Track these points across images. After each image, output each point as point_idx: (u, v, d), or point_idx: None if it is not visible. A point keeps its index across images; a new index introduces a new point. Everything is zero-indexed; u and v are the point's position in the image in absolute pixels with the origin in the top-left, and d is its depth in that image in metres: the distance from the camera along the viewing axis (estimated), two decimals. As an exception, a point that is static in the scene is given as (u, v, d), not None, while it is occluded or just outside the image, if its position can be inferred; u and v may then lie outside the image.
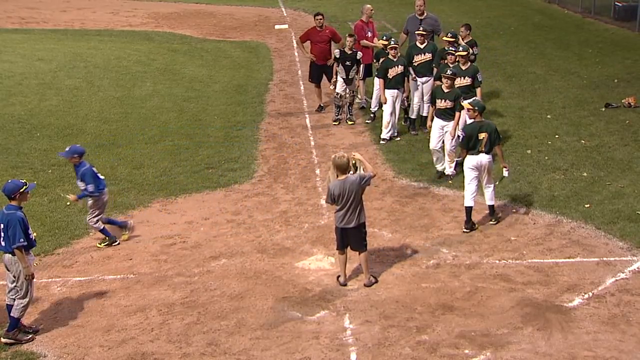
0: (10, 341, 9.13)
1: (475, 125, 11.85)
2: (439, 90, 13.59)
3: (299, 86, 20.54)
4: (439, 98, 13.51)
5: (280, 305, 9.88)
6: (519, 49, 24.15)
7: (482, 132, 11.72)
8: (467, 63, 14.38)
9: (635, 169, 14.06)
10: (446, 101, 13.41)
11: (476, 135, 11.74)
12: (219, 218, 12.55)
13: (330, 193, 10.02)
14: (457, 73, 14.01)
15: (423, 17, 17.16)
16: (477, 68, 14.54)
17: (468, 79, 14.21)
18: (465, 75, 14.21)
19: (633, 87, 19.10)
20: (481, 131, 11.74)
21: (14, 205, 9.14)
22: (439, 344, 8.95)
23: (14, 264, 9.11)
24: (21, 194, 9.15)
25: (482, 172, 11.86)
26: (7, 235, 9.01)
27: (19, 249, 9.01)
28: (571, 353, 8.73)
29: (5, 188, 9.18)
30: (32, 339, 9.22)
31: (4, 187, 9.25)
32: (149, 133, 16.67)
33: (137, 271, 10.89)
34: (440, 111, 13.56)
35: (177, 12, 32.80)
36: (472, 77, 14.20)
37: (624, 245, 11.27)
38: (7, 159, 15.03)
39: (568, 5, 31.61)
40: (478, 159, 11.77)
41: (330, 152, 14.59)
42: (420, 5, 17.08)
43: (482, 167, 11.80)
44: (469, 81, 14.20)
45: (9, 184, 9.23)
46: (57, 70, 21.62)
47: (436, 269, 10.73)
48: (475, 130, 11.77)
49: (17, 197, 9.13)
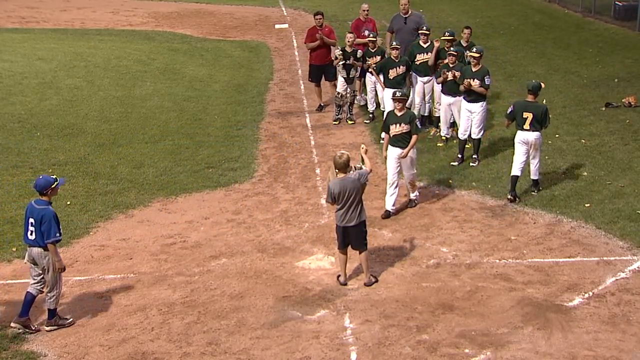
0: (54, 328, 9.43)
1: (523, 103, 12.79)
2: (392, 115, 12.28)
3: (299, 85, 20.53)
4: (392, 123, 12.16)
5: (281, 304, 9.88)
6: (519, 49, 24.13)
7: (528, 112, 12.59)
8: (479, 64, 14.03)
9: (635, 169, 14.06)
10: (401, 125, 12.09)
11: (521, 113, 12.66)
12: (219, 217, 12.55)
13: (331, 192, 10.03)
14: (466, 75, 14.01)
15: (407, 15, 17.32)
16: (487, 70, 14.14)
17: (477, 81, 13.97)
18: (475, 77, 13.98)
19: (633, 86, 19.10)
20: (527, 110, 12.62)
21: (44, 201, 9.31)
22: (439, 343, 8.95)
23: (44, 258, 9.27)
24: (52, 190, 9.35)
25: (529, 147, 12.71)
26: (39, 230, 9.16)
27: (53, 243, 9.19)
28: (571, 352, 8.73)
29: (37, 184, 9.35)
30: (72, 322, 9.52)
31: (35, 183, 9.41)
32: (149, 132, 16.67)
33: (137, 270, 10.89)
34: (395, 138, 12.21)
35: (178, 12, 32.78)
36: (480, 79, 13.95)
37: (624, 244, 11.27)
38: (7, 158, 15.03)
39: (568, 4, 31.58)
40: (525, 135, 12.69)
41: (331, 151, 14.60)
42: (405, 4, 17.27)
43: (529, 143, 12.70)
44: (478, 83, 13.97)
45: (41, 180, 9.39)
46: (58, 69, 21.61)
47: (436, 269, 10.73)
48: (521, 108, 12.71)
49: (48, 193, 9.31)
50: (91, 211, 12.71)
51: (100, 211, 12.71)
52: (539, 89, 12.83)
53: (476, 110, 14.10)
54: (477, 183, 13.60)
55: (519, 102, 12.95)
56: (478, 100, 14.06)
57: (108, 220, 12.48)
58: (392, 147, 12.26)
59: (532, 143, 12.69)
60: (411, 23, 17.22)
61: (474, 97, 14.04)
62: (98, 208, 12.81)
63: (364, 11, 17.96)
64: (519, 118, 12.71)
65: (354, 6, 29.71)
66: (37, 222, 9.16)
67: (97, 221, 12.40)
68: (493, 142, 15.53)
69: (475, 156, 14.38)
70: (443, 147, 15.43)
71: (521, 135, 12.74)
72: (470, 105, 14.12)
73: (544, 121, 12.68)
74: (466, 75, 14.10)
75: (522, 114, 12.67)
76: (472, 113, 14.15)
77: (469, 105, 14.15)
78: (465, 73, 14.15)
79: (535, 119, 12.58)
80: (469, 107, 14.17)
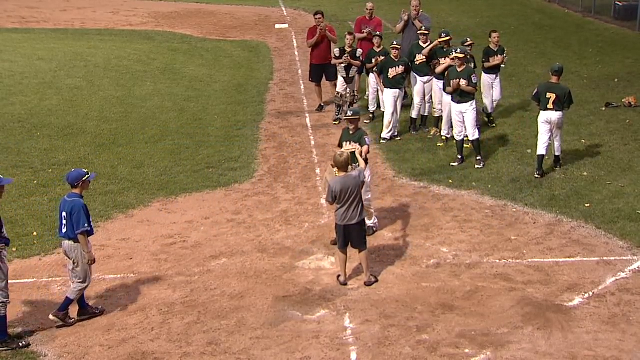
0: (58, 321, 9.46)
1: (547, 85, 13.63)
2: (346, 133, 11.64)
3: (299, 85, 20.54)
4: (345, 141, 11.46)
5: (281, 304, 9.88)
6: (519, 49, 24.12)
7: (551, 92, 13.46)
8: (463, 65, 14.08)
9: (635, 169, 14.06)
10: (351, 143, 11.37)
11: (545, 94, 13.50)
12: (219, 217, 12.55)
13: (332, 190, 10.03)
14: (452, 76, 14.03)
15: (417, 16, 17.28)
16: (472, 70, 14.26)
17: (463, 81, 13.99)
18: (460, 77, 14.00)
19: (633, 86, 19.10)
20: (550, 91, 13.50)
21: (75, 193, 9.45)
22: (439, 343, 8.95)
23: (74, 250, 9.38)
24: (83, 182, 9.49)
25: (552, 126, 13.55)
26: (70, 222, 9.28)
27: (83, 234, 9.30)
28: (571, 352, 8.73)
29: (69, 177, 9.51)
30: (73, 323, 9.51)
31: (67, 175, 9.57)
32: (150, 132, 16.67)
33: (137, 270, 10.89)
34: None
35: (178, 12, 32.80)
36: (467, 79, 13.98)
37: (624, 244, 11.27)
38: (8, 158, 15.04)
39: (568, 4, 31.60)
40: (548, 114, 13.52)
41: (331, 151, 14.59)
42: (416, 6, 17.33)
43: (552, 122, 13.52)
44: (465, 82, 13.98)
45: (73, 172, 9.56)
46: (58, 69, 21.62)
47: (436, 269, 10.73)
48: (545, 89, 13.57)
49: (79, 186, 9.46)
50: (91, 211, 12.58)
51: (101, 211, 12.71)
52: (562, 71, 13.72)
53: (467, 110, 14.07)
54: (477, 183, 13.61)
55: (543, 84, 13.82)
56: (467, 100, 14.05)
57: (108, 220, 12.48)
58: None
59: (554, 122, 13.52)
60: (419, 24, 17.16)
61: (463, 98, 14.02)
62: (98, 208, 12.81)
63: (368, 10, 17.93)
64: (543, 98, 13.55)
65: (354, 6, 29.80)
66: (68, 215, 9.29)
67: (97, 221, 12.35)
68: (493, 142, 15.54)
69: (478, 158, 14.31)
70: (443, 147, 15.43)
71: (545, 115, 13.57)
72: (460, 106, 14.10)
73: (567, 101, 13.54)
74: (451, 76, 14.10)
75: (546, 94, 13.51)
76: (463, 114, 14.12)
77: (458, 107, 14.13)
78: (451, 74, 14.17)
79: (558, 99, 13.41)
80: (459, 108, 14.14)
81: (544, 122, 13.61)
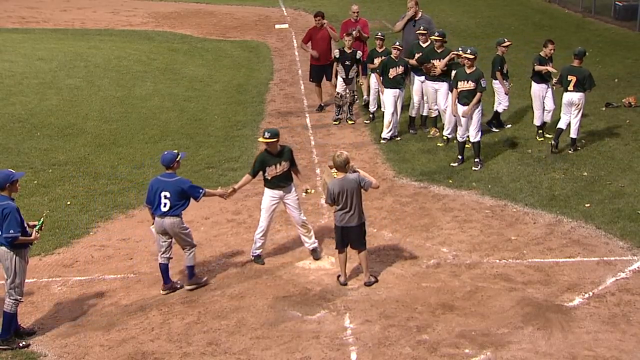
0: (194, 287, 10.32)
1: (569, 68, 14.60)
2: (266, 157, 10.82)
3: (299, 86, 20.53)
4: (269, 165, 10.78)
5: (281, 304, 9.88)
6: (519, 49, 24.05)
7: (572, 75, 14.45)
8: (473, 67, 13.97)
9: (635, 169, 14.07)
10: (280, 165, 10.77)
11: (566, 77, 14.53)
12: (219, 217, 12.55)
13: (330, 192, 10.02)
14: (460, 76, 14.00)
15: (417, 18, 17.25)
16: (481, 73, 14.05)
17: (471, 83, 13.90)
18: (468, 79, 13.93)
19: (633, 86, 19.10)
20: (571, 74, 14.49)
21: (172, 173, 10.12)
22: (439, 343, 8.95)
23: (177, 227, 10.08)
24: (177, 163, 10.16)
25: (573, 106, 14.53)
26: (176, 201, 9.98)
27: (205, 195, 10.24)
28: (571, 352, 8.73)
29: (164, 159, 10.13)
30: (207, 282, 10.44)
31: (162, 158, 10.17)
32: (150, 132, 16.67)
33: (137, 270, 10.89)
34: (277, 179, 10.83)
35: (178, 12, 32.79)
36: (475, 82, 13.90)
37: (624, 244, 11.27)
38: (8, 158, 15.03)
39: (568, 4, 31.60)
40: (570, 95, 14.53)
41: (331, 151, 14.57)
42: (411, 7, 17.23)
43: (573, 102, 14.51)
44: (472, 85, 13.89)
45: (167, 155, 10.17)
46: (58, 69, 21.62)
47: (436, 269, 10.73)
48: (567, 72, 14.59)
49: (174, 167, 10.12)
50: (91, 211, 12.71)
51: (101, 211, 12.72)
52: (584, 54, 14.67)
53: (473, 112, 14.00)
54: (477, 183, 13.60)
55: (566, 67, 14.72)
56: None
57: (108, 220, 12.48)
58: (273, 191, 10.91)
59: (575, 103, 14.50)
60: (419, 26, 17.00)
61: (468, 99, 13.92)
62: (98, 208, 12.82)
63: (353, 12, 17.94)
64: (565, 81, 14.58)
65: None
66: (174, 194, 9.96)
67: (97, 221, 12.40)
68: (493, 143, 15.53)
69: (477, 160, 14.25)
70: (443, 147, 15.42)
71: (567, 96, 14.60)
72: (465, 108, 14.00)
73: (588, 84, 14.47)
74: (459, 77, 14.02)
75: (567, 77, 14.54)
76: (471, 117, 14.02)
77: (465, 109, 14.01)
78: (459, 75, 14.13)
79: (579, 82, 14.39)
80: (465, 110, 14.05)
81: (567, 103, 14.62)
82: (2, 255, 8.96)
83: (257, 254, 11.04)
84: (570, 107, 14.62)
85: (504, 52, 15.75)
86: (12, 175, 9.11)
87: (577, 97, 14.49)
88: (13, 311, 9.06)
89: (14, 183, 9.11)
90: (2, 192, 9.01)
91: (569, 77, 14.52)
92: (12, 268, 8.93)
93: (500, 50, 15.72)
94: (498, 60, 15.72)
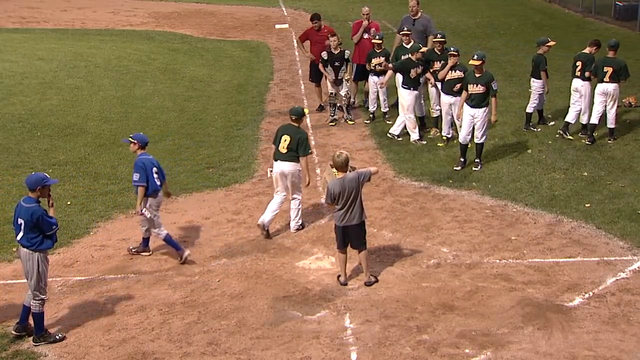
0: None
1: (604, 59, 14.96)
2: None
3: (299, 86, 20.54)
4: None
5: (281, 304, 9.88)
6: (519, 49, 24.13)
7: (608, 66, 14.82)
8: (482, 70, 13.85)
9: (635, 169, 14.07)
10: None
11: (602, 68, 14.85)
12: (219, 217, 12.55)
13: (330, 192, 10.02)
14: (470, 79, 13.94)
15: (417, 17, 17.26)
16: (491, 75, 13.96)
17: (481, 87, 13.81)
18: (478, 82, 13.84)
19: (633, 86, 19.09)
20: (606, 65, 14.86)
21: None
22: (440, 343, 8.95)
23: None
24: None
25: (608, 97, 14.92)
26: None
27: None
28: (572, 352, 8.73)
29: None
30: None
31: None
32: (150, 132, 16.58)
33: (137, 270, 10.89)
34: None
35: (178, 12, 32.80)
36: (485, 85, 13.79)
37: (625, 244, 11.27)
38: (8, 158, 15.04)
39: (569, 4, 31.62)
40: (605, 86, 14.89)
41: (331, 151, 14.57)
42: (414, 6, 17.19)
43: (608, 93, 14.90)
44: (482, 89, 13.80)
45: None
46: (58, 69, 21.62)
47: (437, 269, 10.73)
48: (602, 63, 14.90)
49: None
50: (91, 211, 12.71)
51: (101, 211, 12.72)
52: (618, 46, 15.08)
53: (479, 116, 13.96)
54: (477, 183, 13.61)
55: (601, 58, 15.08)
56: (481, 106, 13.92)
57: (108, 220, 12.48)
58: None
59: (610, 93, 14.87)
60: (419, 25, 17.08)
61: (477, 102, 13.90)
62: (98, 208, 12.82)
63: (364, 15, 17.81)
64: (600, 72, 14.88)
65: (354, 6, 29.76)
66: None
67: (97, 221, 12.40)
68: (494, 143, 15.53)
69: (477, 160, 14.25)
70: (443, 147, 15.42)
71: (601, 87, 14.92)
72: (474, 110, 13.96)
73: (623, 74, 14.86)
74: (469, 80, 13.99)
75: (603, 68, 14.87)
76: (474, 118, 14.01)
77: (471, 111, 13.98)
78: (468, 77, 14.08)
79: (615, 72, 14.74)
80: (471, 112, 13.99)
81: (600, 93, 14.96)
82: (24, 257, 9.02)
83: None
84: (603, 97, 14.91)
85: (546, 52, 15.68)
86: (45, 179, 9.09)
87: (612, 88, 14.84)
88: (41, 310, 9.16)
89: (46, 188, 9.07)
90: (32, 194, 9.03)
91: (604, 68, 14.83)
92: (34, 269, 8.99)
93: (543, 50, 15.69)
94: (542, 59, 15.76)
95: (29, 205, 8.93)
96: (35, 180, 9.03)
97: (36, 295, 9.07)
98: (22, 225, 8.93)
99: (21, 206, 8.97)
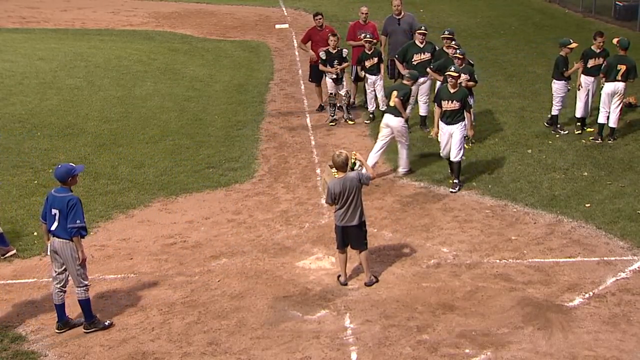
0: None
1: (617, 57, 14.88)
2: None
3: (299, 86, 20.53)
4: None
5: (281, 304, 9.88)
6: (519, 49, 24.12)
7: (622, 64, 14.75)
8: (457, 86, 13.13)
9: (635, 169, 14.07)
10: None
11: (615, 66, 14.76)
12: (219, 217, 12.56)
13: (331, 192, 10.02)
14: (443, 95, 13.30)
15: (401, 16, 17.28)
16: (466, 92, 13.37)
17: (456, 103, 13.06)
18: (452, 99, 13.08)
19: (633, 86, 19.03)
20: (620, 63, 14.78)
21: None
22: (440, 343, 8.95)
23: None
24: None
25: (616, 96, 14.93)
26: None
27: None
28: (572, 352, 8.73)
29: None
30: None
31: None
32: (150, 132, 16.67)
33: (137, 270, 10.89)
34: None
35: (178, 12, 32.78)
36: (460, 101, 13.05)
37: (625, 244, 11.27)
38: (8, 158, 15.03)
39: (569, 4, 31.59)
40: (615, 85, 14.84)
41: (331, 151, 14.56)
42: (398, 5, 17.23)
43: (617, 92, 14.90)
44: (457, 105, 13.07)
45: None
46: (58, 69, 21.62)
47: (437, 269, 10.73)
48: (616, 61, 14.84)
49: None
50: (91, 211, 12.70)
51: (101, 211, 12.72)
52: (629, 44, 15.02)
53: (455, 132, 13.20)
54: (477, 183, 13.60)
55: (613, 57, 15.02)
56: (457, 122, 13.17)
57: (108, 220, 12.48)
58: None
59: (619, 92, 14.88)
60: (404, 24, 17.20)
61: (452, 119, 13.18)
62: (98, 208, 12.81)
63: (362, 14, 17.84)
64: (613, 70, 14.77)
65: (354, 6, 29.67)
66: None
67: (97, 221, 12.39)
68: (493, 143, 15.53)
69: (455, 181, 13.35)
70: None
71: (611, 85, 14.85)
72: (450, 127, 13.21)
73: (633, 74, 14.85)
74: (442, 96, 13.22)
75: (617, 66, 14.77)
76: (451, 134, 13.25)
77: (448, 128, 13.25)
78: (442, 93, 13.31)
79: (627, 71, 14.74)
80: (449, 130, 13.24)
81: (609, 93, 14.91)
82: (60, 247, 9.15)
83: None
84: (612, 97, 14.91)
85: (568, 54, 15.58)
86: (73, 169, 9.34)
87: (621, 87, 14.87)
88: (87, 297, 9.30)
89: (75, 176, 9.35)
90: (64, 185, 9.24)
91: (618, 67, 14.77)
92: (73, 258, 9.12)
93: (565, 52, 15.55)
94: (563, 61, 15.59)
95: (63, 195, 9.15)
96: (65, 171, 9.27)
97: (80, 283, 9.21)
98: (56, 215, 9.10)
99: (54, 197, 9.19)
